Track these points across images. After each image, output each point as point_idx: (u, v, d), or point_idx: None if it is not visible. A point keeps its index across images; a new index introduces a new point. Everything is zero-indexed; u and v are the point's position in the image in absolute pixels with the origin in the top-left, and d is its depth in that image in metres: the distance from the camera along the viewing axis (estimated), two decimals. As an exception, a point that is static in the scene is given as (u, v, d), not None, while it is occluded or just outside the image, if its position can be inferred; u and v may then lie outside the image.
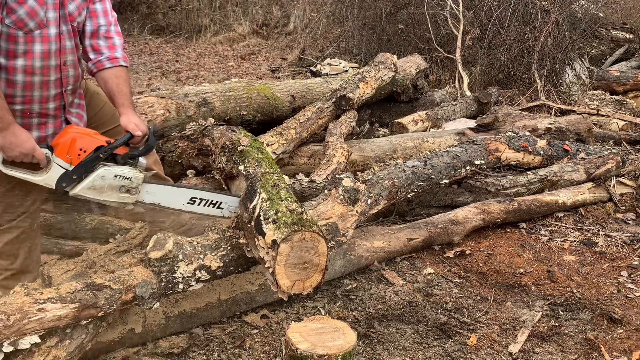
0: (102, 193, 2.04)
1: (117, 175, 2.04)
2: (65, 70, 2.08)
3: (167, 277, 2.06)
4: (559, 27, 6.55)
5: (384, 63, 4.48)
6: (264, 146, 2.55)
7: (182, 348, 2.33)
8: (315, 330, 1.78)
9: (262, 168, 2.25)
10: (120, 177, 2.04)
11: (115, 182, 2.04)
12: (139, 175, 2.08)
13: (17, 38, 1.93)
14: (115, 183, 2.04)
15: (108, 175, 2.02)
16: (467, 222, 3.29)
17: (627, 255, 3.28)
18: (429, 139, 4.16)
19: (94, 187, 2.03)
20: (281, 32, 10.17)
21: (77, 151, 1.99)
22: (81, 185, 2.02)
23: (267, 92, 3.98)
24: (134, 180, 2.06)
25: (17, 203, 2.13)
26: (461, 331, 2.52)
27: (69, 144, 1.99)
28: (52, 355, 1.89)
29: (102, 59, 2.15)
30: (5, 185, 2.08)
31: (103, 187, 2.03)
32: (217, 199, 2.25)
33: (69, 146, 1.99)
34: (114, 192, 2.05)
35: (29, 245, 2.22)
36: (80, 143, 2.00)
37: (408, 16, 7.41)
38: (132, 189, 2.08)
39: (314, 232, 1.89)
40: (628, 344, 2.46)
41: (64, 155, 1.99)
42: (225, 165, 2.43)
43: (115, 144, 2.05)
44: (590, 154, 4.11)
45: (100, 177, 2.02)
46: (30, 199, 2.16)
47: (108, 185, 2.04)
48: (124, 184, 2.05)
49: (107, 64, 2.15)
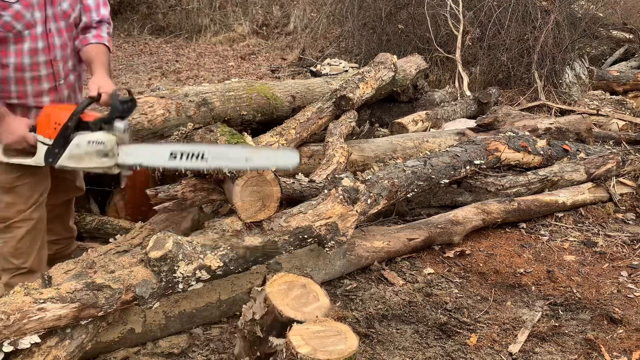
0: (81, 161, 2.12)
1: (90, 142, 2.10)
2: (56, 66, 2.22)
3: (167, 277, 2.06)
4: (559, 27, 6.54)
5: (384, 63, 4.47)
6: (244, 137, 2.51)
7: (182, 348, 2.33)
8: (316, 333, 1.77)
9: None
10: (94, 143, 2.10)
11: (90, 148, 2.10)
12: (110, 138, 2.11)
13: (7, 39, 2.07)
14: (90, 149, 2.10)
15: (82, 142, 2.10)
16: (467, 222, 3.29)
17: (627, 255, 3.28)
18: (428, 139, 4.15)
19: (72, 156, 2.11)
20: (281, 32, 10.17)
21: (53, 125, 2.10)
22: (62, 157, 2.12)
23: (267, 92, 3.98)
24: (107, 144, 2.10)
25: (27, 193, 2.25)
26: (461, 331, 2.52)
27: (46, 121, 2.11)
28: (52, 355, 1.89)
29: (88, 36, 2.31)
30: (15, 173, 2.20)
31: (81, 154, 2.11)
32: (198, 149, 2.20)
33: (46, 122, 2.11)
34: (92, 158, 2.11)
35: (40, 242, 2.35)
36: (54, 117, 2.10)
37: (408, 16, 7.41)
38: (109, 152, 2.12)
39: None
40: (628, 344, 2.46)
41: (44, 132, 2.11)
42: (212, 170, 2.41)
43: (77, 109, 2.12)
44: (590, 154, 4.11)
45: (76, 146, 2.10)
46: (39, 189, 2.29)
47: (85, 152, 2.10)
48: (98, 148, 2.10)
49: (92, 40, 2.30)
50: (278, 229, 2.35)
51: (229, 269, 2.21)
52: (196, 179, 2.67)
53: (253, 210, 2.27)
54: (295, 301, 1.91)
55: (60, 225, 2.68)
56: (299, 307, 1.89)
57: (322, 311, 1.89)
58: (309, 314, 1.86)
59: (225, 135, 2.50)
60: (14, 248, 2.30)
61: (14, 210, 2.26)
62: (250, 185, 2.23)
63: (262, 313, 1.89)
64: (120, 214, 3.33)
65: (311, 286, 2.00)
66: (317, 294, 1.96)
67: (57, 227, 2.68)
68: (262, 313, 1.89)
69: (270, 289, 1.94)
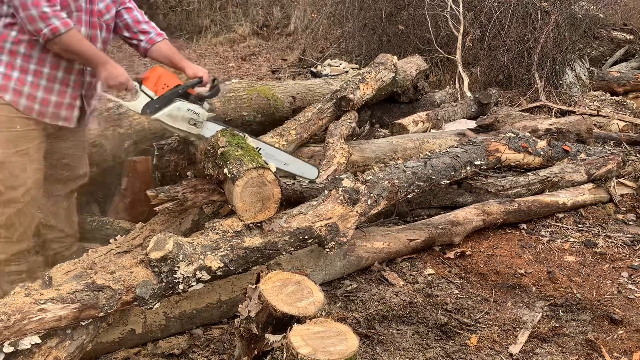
0: (176, 121, 2.48)
1: (189, 109, 2.48)
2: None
3: (168, 278, 2.06)
4: (559, 28, 6.54)
5: (384, 64, 4.48)
6: (244, 138, 2.53)
7: (182, 349, 2.33)
8: (317, 333, 1.77)
9: (244, 166, 2.23)
10: (191, 111, 2.49)
11: (187, 114, 2.48)
12: (205, 112, 2.53)
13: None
14: (187, 115, 2.48)
15: (183, 107, 2.47)
16: (467, 222, 3.29)
17: (627, 256, 3.27)
18: (429, 139, 4.16)
19: (171, 115, 2.46)
20: (282, 33, 10.16)
21: (162, 85, 2.45)
22: (161, 112, 2.44)
23: (268, 93, 3.98)
24: (200, 116, 2.51)
25: (16, 172, 2.36)
26: (461, 332, 2.52)
27: (156, 79, 2.45)
28: (52, 355, 1.89)
29: (152, 36, 2.65)
30: (12, 149, 2.34)
31: (177, 116, 2.47)
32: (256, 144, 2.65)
33: (156, 81, 2.45)
34: (184, 123, 2.49)
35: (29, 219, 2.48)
36: (165, 79, 2.46)
37: (408, 17, 7.41)
38: (198, 123, 2.52)
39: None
40: (628, 345, 2.46)
41: (151, 86, 2.44)
42: (212, 171, 2.43)
43: (190, 83, 2.53)
44: (591, 154, 4.11)
45: (177, 108, 2.46)
46: (29, 171, 2.39)
47: (181, 116, 2.48)
48: (193, 117, 2.50)
49: (157, 39, 2.65)
50: (278, 229, 2.35)
51: (229, 270, 2.21)
52: (196, 180, 2.67)
53: (253, 211, 2.28)
54: (289, 297, 1.92)
55: (64, 220, 2.72)
56: (293, 302, 1.90)
57: (316, 305, 1.89)
58: (303, 308, 1.87)
59: (225, 136, 2.50)
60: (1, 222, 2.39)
61: (2, 186, 2.36)
62: (251, 186, 2.23)
63: (257, 310, 1.90)
64: (121, 214, 3.32)
65: (305, 282, 2.01)
66: (311, 290, 1.97)
67: (61, 222, 2.71)
68: (257, 310, 1.90)
69: (264, 286, 1.95)
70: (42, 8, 2.18)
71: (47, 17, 2.20)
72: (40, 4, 2.18)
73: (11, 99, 2.30)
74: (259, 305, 1.90)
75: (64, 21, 2.24)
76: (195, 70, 2.62)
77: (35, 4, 2.18)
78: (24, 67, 2.31)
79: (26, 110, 2.34)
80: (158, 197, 2.55)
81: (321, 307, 1.90)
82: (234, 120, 3.75)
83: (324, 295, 1.96)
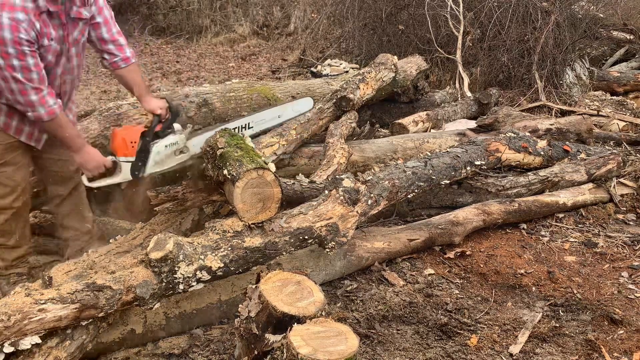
0: (165, 163, 2.52)
1: (167, 145, 2.52)
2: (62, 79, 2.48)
3: (168, 278, 2.06)
4: (560, 28, 6.54)
5: (384, 64, 4.47)
6: (243, 138, 2.54)
7: (182, 349, 2.33)
8: (317, 333, 1.77)
9: (243, 167, 2.23)
10: (170, 145, 2.52)
11: (168, 150, 2.52)
12: (181, 136, 2.56)
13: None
14: (169, 151, 2.52)
15: (161, 149, 2.50)
16: (467, 222, 3.29)
17: (627, 256, 3.28)
18: (429, 139, 4.15)
19: (156, 162, 2.51)
20: (282, 32, 10.16)
21: (130, 144, 2.48)
22: (148, 166, 2.49)
23: (268, 93, 3.98)
24: (179, 142, 2.55)
25: (4, 181, 2.43)
26: (462, 332, 2.52)
27: (122, 143, 2.48)
28: (52, 355, 1.89)
29: (116, 60, 2.60)
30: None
31: (162, 158, 2.51)
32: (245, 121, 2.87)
33: (123, 144, 2.48)
34: (172, 158, 2.53)
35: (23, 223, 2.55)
36: (129, 137, 2.49)
37: (408, 17, 7.40)
38: (184, 148, 2.56)
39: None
40: (629, 345, 2.46)
41: (123, 153, 2.49)
42: (212, 173, 2.44)
43: (152, 126, 2.54)
44: (591, 154, 4.11)
45: (157, 153, 2.50)
46: (17, 179, 2.46)
47: (165, 155, 2.52)
48: (174, 148, 2.53)
49: (121, 64, 2.61)
50: (279, 229, 2.35)
51: (229, 270, 2.22)
52: (197, 180, 2.67)
53: (254, 212, 2.28)
54: (289, 297, 1.92)
55: (75, 217, 2.77)
56: (293, 302, 1.90)
57: (316, 305, 1.89)
58: (303, 308, 1.87)
59: (224, 137, 2.50)
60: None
61: None
62: (251, 187, 2.23)
63: (257, 310, 1.90)
64: (121, 214, 3.32)
65: (305, 282, 2.01)
66: (311, 290, 1.97)
67: (73, 220, 2.76)
68: (257, 310, 1.90)
69: (264, 286, 1.95)
70: (29, 97, 2.24)
71: (33, 105, 2.26)
72: (28, 94, 2.23)
73: None
74: (259, 305, 1.90)
75: (49, 110, 2.30)
76: (152, 107, 2.61)
77: (22, 93, 2.23)
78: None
79: (5, 129, 2.40)
80: (158, 197, 2.56)
81: (321, 307, 1.90)
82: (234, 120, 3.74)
83: (324, 295, 1.96)
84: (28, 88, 2.21)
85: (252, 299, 1.95)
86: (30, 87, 2.21)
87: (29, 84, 2.21)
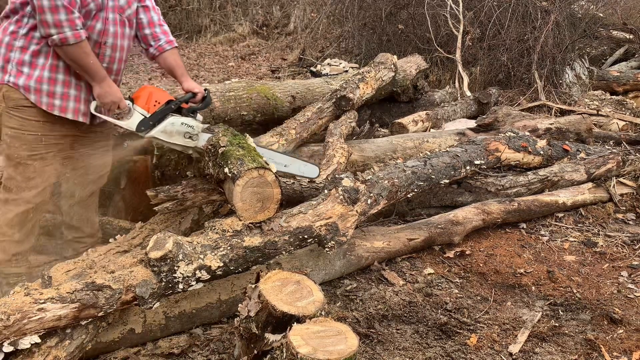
0: (171, 137, 2.48)
1: (183, 123, 2.48)
2: (103, 49, 2.47)
3: (167, 277, 2.06)
4: (559, 27, 6.54)
5: (384, 63, 4.47)
6: (245, 138, 2.55)
7: (182, 348, 2.33)
8: (317, 333, 1.77)
9: (245, 166, 2.23)
10: (185, 125, 2.49)
11: (181, 128, 2.48)
12: (199, 124, 2.53)
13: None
14: (181, 129, 2.48)
15: (177, 122, 2.47)
16: (467, 222, 3.29)
17: (627, 255, 3.28)
18: (429, 139, 4.15)
19: (165, 131, 2.46)
20: (281, 32, 10.16)
21: (154, 102, 2.46)
22: (156, 129, 2.45)
23: (267, 93, 3.98)
24: (195, 129, 2.50)
25: (31, 174, 2.42)
26: (461, 331, 2.52)
27: (147, 97, 2.47)
28: (52, 355, 1.89)
29: (161, 43, 2.66)
30: (27, 152, 2.41)
31: (172, 132, 2.47)
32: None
33: (147, 98, 2.47)
34: (180, 137, 2.49)
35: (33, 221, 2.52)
36: (156, 96, 2.48)
37: (408, 16, 7.40)
38: (194, 136, 2.52)
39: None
40: (628, 344, 2.46)
41: (142, 104, 2.46)
42: (213, 170, 2.44)
43: (182, 98, 2.54)
44: (591, 154, 4.11)
45: (171, 124, 2.46)
46: (44, 175, 2.45)
47: (176, 130, 2.47)
48: (187, 130, 2.49)
49: (166, 47, 2.67)
50: (278, 229, 2.35)
51: (229, 269, 2.21)
52: (196, 179, 2.67)
53: (253, 211, 2.28)
54: (289, 296, 1.92)
55: (84, 220, 2.78)
56: (292, 301, 1.90)
57: (316, 305, 1.89)
58: (303, 307, 1.87)
59: (227, 136, 2.50)
60: (8, 220, 2.45)
61: (14, 183, 2.43)
62: (251, 186, 2.23)
63: (256, 309, 1.90)
64: (121, 214, 3.32)
65: (305, 282, 2.01)
66: (311, 289, 1.97)
67: (81, 222, 2.77)
68: (256, 309, 1.90)
69: (264, 285, 1.95)
70: (59, 15, 2.20)
71: (60, 25, 2.22)
72: (58, 11, 2.20)
73: (35, 99, 2.35)
74: (259, 304, 1.90)
75: (76, 32, 2.26)
76: (191, 86, 2.64)
77: (52, 10, 2.19)
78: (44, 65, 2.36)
79: (49, 109, 2.38)
80: (158, 197, 2.56)
81: (321, 307, 1.90)
82: (234, 119, 3.74)
83: (323, 295, 1.96)
84: (59, 5, 2.18)
85: (252, 298, 1.95)
86: (61, 4, 2.18)
87: (60, 1, 2.17)
